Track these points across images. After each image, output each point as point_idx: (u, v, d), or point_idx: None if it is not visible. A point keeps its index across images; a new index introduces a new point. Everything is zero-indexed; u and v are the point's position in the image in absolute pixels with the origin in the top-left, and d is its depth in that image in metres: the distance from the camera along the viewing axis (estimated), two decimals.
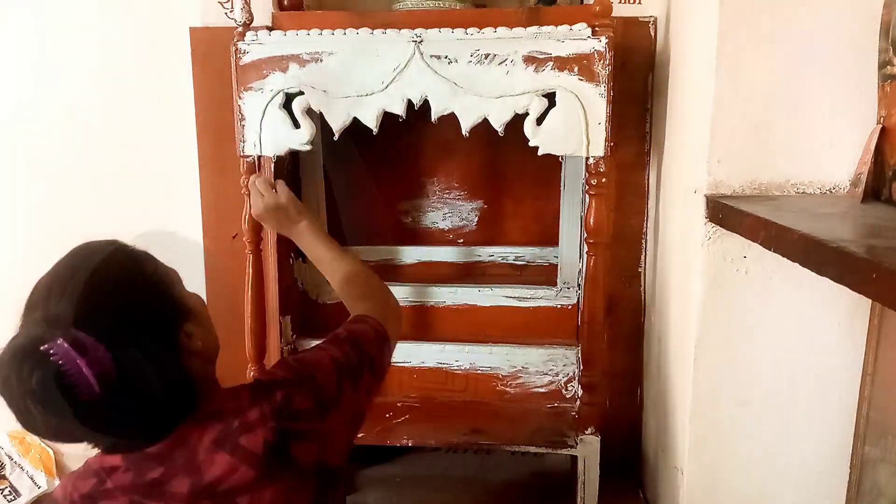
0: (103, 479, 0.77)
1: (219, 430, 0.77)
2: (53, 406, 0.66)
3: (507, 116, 1.26)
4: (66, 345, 0.66)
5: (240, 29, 1.33)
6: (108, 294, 0.73)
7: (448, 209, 1.73)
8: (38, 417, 0.67)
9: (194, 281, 1.65)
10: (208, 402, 0.80)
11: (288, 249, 1.62)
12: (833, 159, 1.08)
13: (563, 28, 1.25)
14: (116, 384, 0.68)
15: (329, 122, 1.31)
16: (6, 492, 1.82)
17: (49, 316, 0.70)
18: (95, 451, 0.79)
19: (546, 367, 1.58)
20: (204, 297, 1.65)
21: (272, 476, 0.77)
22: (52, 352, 0.66)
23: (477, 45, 1.25)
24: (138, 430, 0.75)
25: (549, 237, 1.67)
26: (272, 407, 0.79)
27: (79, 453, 1.93)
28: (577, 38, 1.23)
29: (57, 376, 0.66)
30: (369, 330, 0.97)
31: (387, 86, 1.27)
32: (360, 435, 0.93)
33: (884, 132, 0.99)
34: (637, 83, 1.55)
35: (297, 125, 1.32)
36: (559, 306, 1.62)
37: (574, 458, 1.43)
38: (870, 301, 1.09)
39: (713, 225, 1.11)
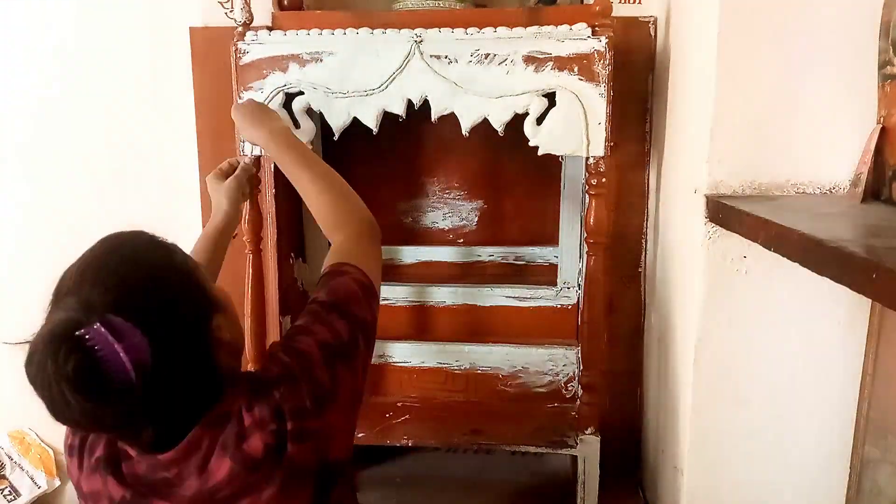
0: (118, 459, 0.78)
1: (225, 434, 0.76)
2: (89, 392, 0.65)
3: (507, 116, 1.26)
4: (103, 329, 0.65)
5: (240, 29, 1.33)
6: (143, 281, 0.73)
7: (448, 209, 1.73)
8: (74, 405, 0.65)
9: None
10: (221, 402, 0.78)
11: (288, 249, 1.62)
12: (833, 159, 1.08)
13: (563, 28, 1.25)
14: (151, 372, 0.67)
15: (329, 122, 1.31)
16: (6, 492, 1.82)
17: (84, 301, 0.68)
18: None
19: (546, 367, 1.58)
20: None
21: (270, 477, 0.76)
22: (88, 336, 0.65)
23: (477, 44, 1.25)
24: (165, 424, 0.74)
25: (549, 237, 1.67)
26: (270, 409, 0.77)
27: None
28: (577, 38, 1.23)
29: (93, 362, 0.65)
30: (352, 285, 0.90)
31: (387, 86, 1.27)
32: (359, 435, 0.91)
33: (884, 132, 0.99)
34: (637, 83, 1.55)
35: (297, 125, 1.32)
36: (559, 306, 1.62)
37: (574, 458, 1.43)
38: (870, 301, 1.09)
39: (713, 225, 1.11)
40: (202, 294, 0.79)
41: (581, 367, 1.44)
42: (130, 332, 0.67)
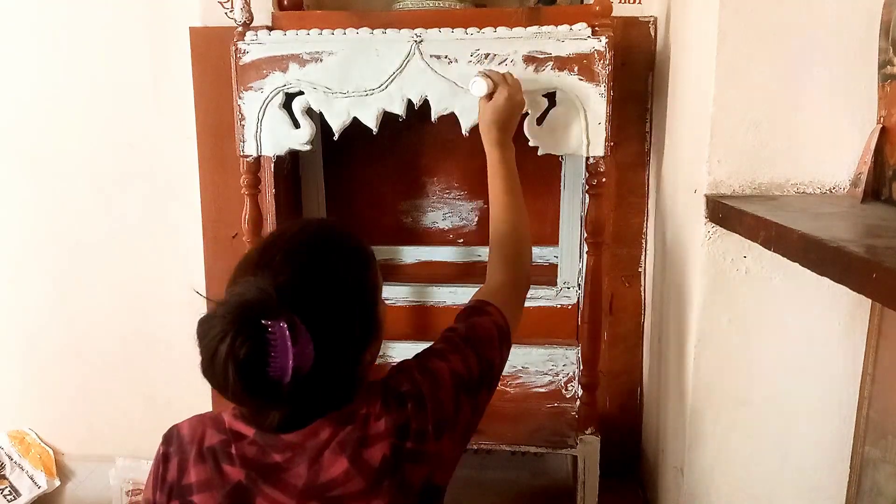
0: (229, 442, 0.79)
1: (347, 433, 0.77)
2: (246, 378, 0.68)
3: None
4: (286, 328, 0.68)
5: (240, 29, 1.33)
6: (341, 293, 0.76)
7: (448, 209, 1.73)
8: (229, 378, 0.68)
9: (194, 281, 1.67)
10: (351, 401, 0.80)
11: None
12: (833, 159, 1.08)
13: (563, 28, 1.25)
14: (305, 377, 0.70)
15: (329, 122, 1.31)
16: (6, 492, 1.82)
17: (283, 285, 0.71)
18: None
19: (546, 367, 1.58)
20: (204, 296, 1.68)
21: (380, 491, 0.77)
22: (270, 329, 0.68)
23: (477, 44, 1.25)
24: (296, 412, 0.76)
25: (549, 237, 1.66)
26: (395, 423, 0.79)
27: (80, 454, 1.94)
28: (577, 38, 1.23)
29: (264, 354, 0.68)
30: (492, 328, 0.94)
31: (387, 86, 1.27)
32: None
33: (884, 132, 0.99)
34: (637, 83, 1.55)
35: (296, 125, 1.32)
36: (559, 306, 1.62)
37: (574, 458, 1.43)
38: (870, 301, 1.09)
39: (713, 225, 1.11)
40: (374, 319, 0.82)
41: (581, 368, 1.44)
42: (305, 340, 0.69)
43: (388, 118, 1.30)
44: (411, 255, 1.73)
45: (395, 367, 0.88)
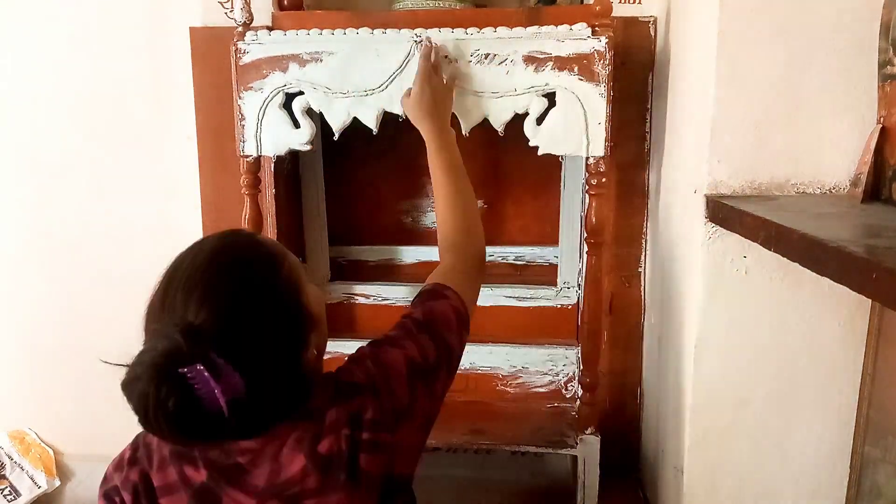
0: (192, 447, 0.79)
1: (303, 430, 0.77)
2: (183, 426, 0.69)
3: (507, 116, 1.26)
4: (205, 372, 0.67)
5: (240, 29, 1.33)
6: (250, 311, 0.74)
7: None
8: (167, 431, 0.69)
9: None
10: (306, 400, 0.79)
11: (288, 249, 1.61)
12: (833, 159, 1.08)
13: (563, 28, 1.25)
14: (244, 404, 0.69)
15: (329, 122, 1.31)
16: (6, 492, 1.82)
17: (189, 327, 0.69)
18: None
19: (546, 367, 1.58)
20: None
21: (338, 484, 0.77)
22: (190, 376, 0.67)
23: (477, 44, 1.25)
24: (250, 424, 0.75)
25: (549, 237, 1.67)
26: (347, 414, 0.78)
27: (80, 454, 1.93)
28: (577, 38, 1.23)
29: (192, 400, 0.67)
30: (450, 313, 0.92)
31: (387, 86, 1.27)
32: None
33: (884, 132, 0.99)
34: (637, 83, 1.55)
35: (296, 125, 1.32)
36: (559, 306, 1.62)
37: (574, 458, 1.43)
38: (870, 301, 1.09)
39: (713, 225, 1.11)
40: (303, 315, 0.79)
41: (581, 368, 1.44)
42: (230, 374, 0.68)
43: (388, 118, 1.30)
44: (411, 255, 1.73)
45: (350, 357, 0.87)
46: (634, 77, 1.54)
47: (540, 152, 1.28)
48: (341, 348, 1.17)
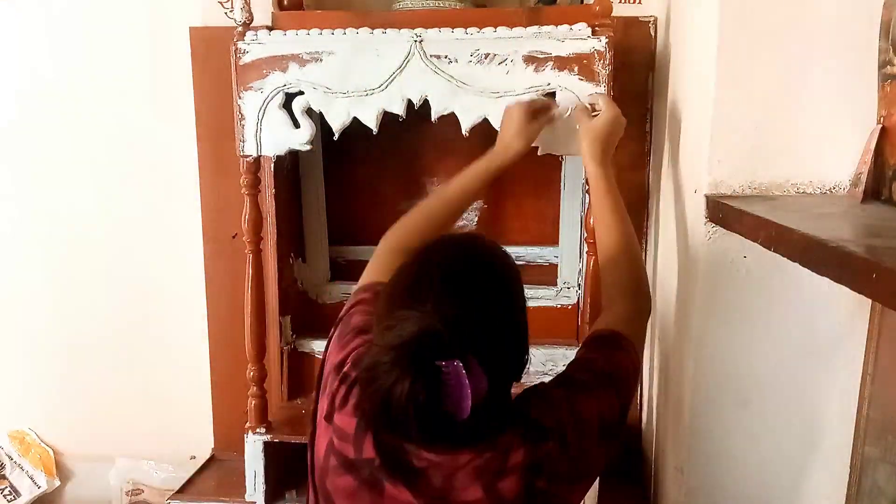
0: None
1: (486, 461, 0.74)
2: (424, 416, 0.66)
3: None
4: (461, 367, 0.65)
5: (240, 29, 1.33)
6: (504, 317, 0.74)
7: None
8: (409, 422, 0.67)
9: (195, 281, 1.67)
10: (504, 430, 0.76)
11: (288, 249, 1.62)
12: (833, 159, 1.08)
13: (563, 28, 1.25)
14: (477, 409, 0.67)
15: (329, 122, 1.31)
16: (6, 492, 1.82)
17: (447, 318, 0.67)
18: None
19: (546, 367, 1.58)
20: (204, 296, 1.68)
21: None
22: (445, 370, 0.65)
23: (477, 44, 1.25)
24: (447, 436, 0.73)
25: (549, 237, 1.66)
26: (534, 459, 0.75)
27: (80, 454, 1.94)
28: (577, 38, 1.23)
29: (441, 396, 0.66)
30: (630, 368, 0.89)
31: (387, 85, 1.27)
32: None
33: (884, 132, 0.99)
34: (637, 83, 1.55)
35: (296, 125, 1.32)
36: (559, 306, 1.62)
37: None
38: (870, 301, 1.09)
39: (713, 225, 1.11)
40: (526, 331, 0.80)
41: None
42: (479, 375, 0.67)
43: (388, 118, 1.30)
44: None
45: (538, 394, 0.84)
46: (634, 77, 1.54)
47: (540, 152, 1.28)
48: None
